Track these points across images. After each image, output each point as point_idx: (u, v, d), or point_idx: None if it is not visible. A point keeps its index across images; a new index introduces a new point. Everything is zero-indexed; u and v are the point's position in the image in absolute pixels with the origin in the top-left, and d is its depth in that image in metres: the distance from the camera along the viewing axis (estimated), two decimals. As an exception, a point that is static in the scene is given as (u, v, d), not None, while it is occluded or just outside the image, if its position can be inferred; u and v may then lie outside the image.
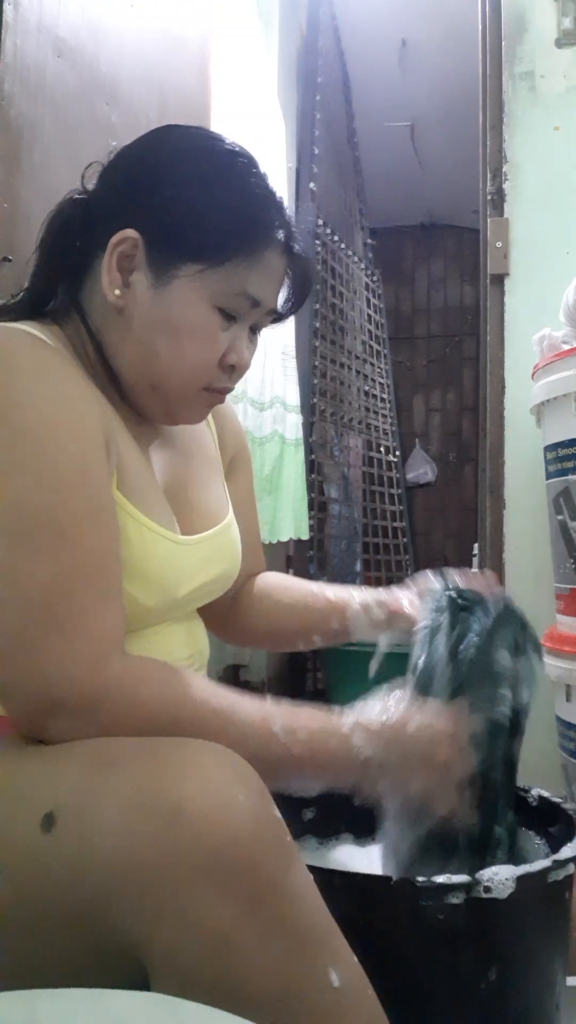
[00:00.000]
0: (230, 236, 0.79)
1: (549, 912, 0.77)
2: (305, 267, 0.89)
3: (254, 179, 0.82)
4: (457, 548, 4.65)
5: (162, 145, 0.84)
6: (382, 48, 3.52)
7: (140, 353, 0.81)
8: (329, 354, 3.26)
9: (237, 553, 0.96)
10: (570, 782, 1.58)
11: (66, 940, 0.60)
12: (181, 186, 0.80)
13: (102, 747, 0.64)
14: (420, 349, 4.99)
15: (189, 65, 1.78)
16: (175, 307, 0.79)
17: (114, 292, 0.80)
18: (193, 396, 0.84)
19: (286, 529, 2.29)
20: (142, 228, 0.79)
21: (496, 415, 2.03)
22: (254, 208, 0.81)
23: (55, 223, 0.84)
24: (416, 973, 0.72)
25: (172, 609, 0.85)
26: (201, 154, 0.82)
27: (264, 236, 0.81)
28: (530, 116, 2.08)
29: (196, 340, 0.80)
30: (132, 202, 0.81)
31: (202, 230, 0.79)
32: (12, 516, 0.68)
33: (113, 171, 0.84)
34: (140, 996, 0.52)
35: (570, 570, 1.55)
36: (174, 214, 0.79)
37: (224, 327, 0.81)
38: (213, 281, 0.79)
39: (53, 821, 0.59)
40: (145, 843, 0.56)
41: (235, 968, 0.55)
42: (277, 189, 0.85)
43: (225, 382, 0.85)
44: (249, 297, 0.81)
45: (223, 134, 0.87)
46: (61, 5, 1.28)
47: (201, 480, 0.95)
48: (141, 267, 0.80)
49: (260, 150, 2.15)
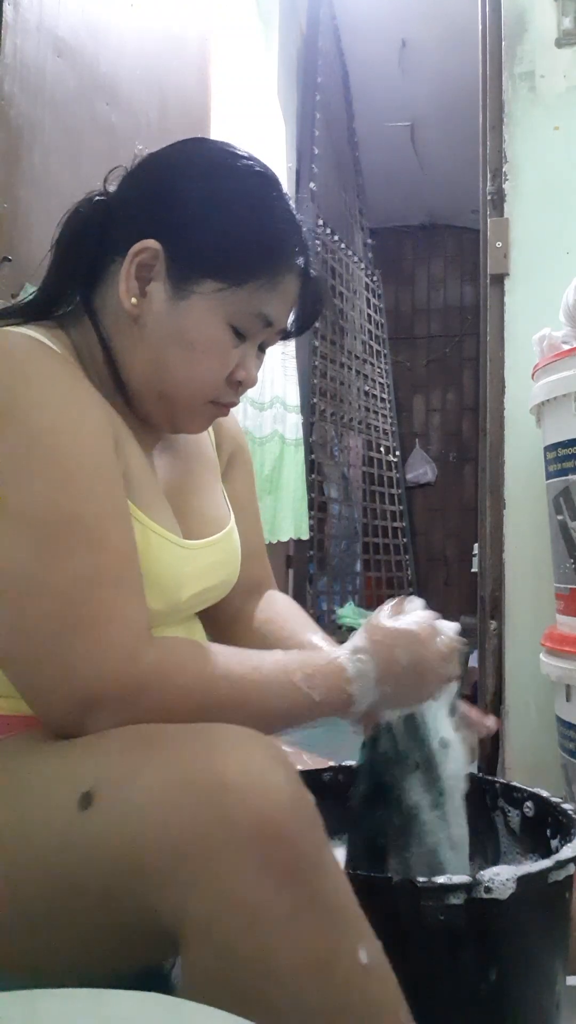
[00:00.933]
0: (253, 259, 0.80)
1: (549, 912, 0.77)
2: (318, 290, 0.90)
3: (279, 202, 0.83)
4: (457, 548, 4.65)
5: (192, 158, 0.84)
6: (382, 48, 3.53)
7: (151, 362, 0.82)
8: (329, 354, 3.26)
9: (237, 559, 0.96)
10: (570, 782, 1.58)
11: (96, 918, 0.61)
12: (208, 204, 0.80)
13: (141, 730, 0.65)
14: (420, 349, 4.99)
15: (189, 65, 1.78)
16: (191, 322, 0.80)
17: (130, 300, 0.80)
18: (199, 408, 0.85)
19: (286, 529, 2.29)
20: (165, 240, 0.79)
21: (496, 415, 2.03)
22: (278, 232, 0.82)
23: (73, 222, 0.84)
24: (416, 973, 0.72)
25: (174, 612, 0.85)
26: (230, 173, 0.82)
27: (285, 261, 0.82)
28: (530, 116, 2.08)
29: (209, 356, 0.81)
30: (156, 213, 0.81)
31: (226, 251, 0.80)
32: (36, 519, 0.68)
33: (138, 178, 0.84)
34: (140, 996, 0.52)
35: (570, 570, 1.55)
36: (199, 232, 0.80)
37: (235, 344, 0.82)
38: (231, 301, 0.80)
39: (91, 799, 0.60)
40: (186, 817, 0.57)
41: (269, 940, 0.56)
42: (297, 213, 0.86)
43: (231, 397, 0.86)
44: (264, 318, 0.82)
45: (247, 151, 0.87)
46: (61, 5, 1.28)
47: (202, 485, 0.95)
48: (160, 278, 0.80)
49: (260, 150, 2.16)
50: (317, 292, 0.90)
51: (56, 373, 0.74)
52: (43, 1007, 0.50)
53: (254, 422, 2.13)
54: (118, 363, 0.82)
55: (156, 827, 0.58)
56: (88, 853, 0.60)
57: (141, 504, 0.79)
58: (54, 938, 0.62)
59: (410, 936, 0.72)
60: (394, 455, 4.35)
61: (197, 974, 0.56)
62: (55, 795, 0.63)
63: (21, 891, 0.62)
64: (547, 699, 1.68)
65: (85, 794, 0.61)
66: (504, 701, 1.96)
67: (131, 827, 0.59)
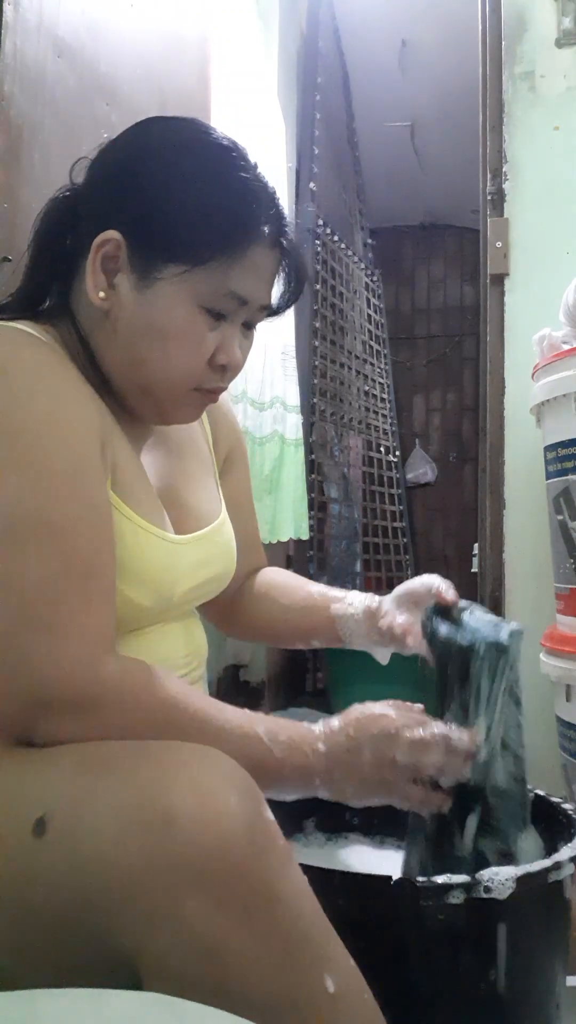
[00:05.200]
0: (209, 235, 0.76)
1: (549, 912, 0.77)
2: (297, 259, 0.86)
3: (237, 173, 0.79)
4: (457, 548, 4.65)
5: (142, 140, 0.82)
6: (382, 48, 3.52)
7: (127, 357, 0.80)
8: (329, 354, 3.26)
9: (231, 552, 0.95)
10: (570, 782, 1.58)
11: (58, 946, 0.59)
12: (159, 185, 0.77)
13: (93, 750, 0.64)
14: (420, 349, 4.99)
15: (189, 65, 1.78)
16: (159, 310, 0.78)
17: (98, 295, 0.78)
18: (183, 397, 0.83)
19: (286, 529, 2.29)
20: (123, 229, 0.77)
21: (496, 415, 2.03)
22: (235, 204, 0.78)
23: (45, 219, 0.83)
24: (416, 973, 0.72)
25: (168, 609, 0.85)
26: (181, 150, 0.79)
27: (246, 233, 0.78)
28: (530, 116, 2.08)
29: (182, 343, 0.78)
30: (114, 202, 0.79)
31: (183, 231, 0.76)
32: (4, 516, 0.67)
33: (96, 168, 0.82)
34: (140, 996, 0.52)
35: (570, 570, 1.55)
36: (153, 214, 0.77)
37: (212, 327, 0.79)
38: (196, 282, 0.77)
39: (45, 826, 0.59)
40: (136, 850, 0.56)
41: (228, 976, 0.55)
42: (266, 181, 0.81)
43: (217, 382, 0.83)
44: (235, 296, 0.79)
45: (210, 126, 0.84)
46: (61, 5, 1.28)
47: (194, 480, 0.94)
48: (125, 269, 0.78)
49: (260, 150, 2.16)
50: (297, 261, 0.86)
51: (43, 369, 0.73)
52: (43, 1007, 0.50)
53: (254, 422, 2.13)
54: (98, 359, 0.80)
55: (108, 859, 0.56)
56: (47, 881, 0.58)
57: (130, 501, 0.78)
58: (24, 960, 0.61)
59: (410, 936, 0.72)
60: (394, 455, 4.35)
61: None
62: (10, 819, 0.61)
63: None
64: (547, 699, 1.68)
65: (39, 820, 0.59)
66: (504, 701, 1.96)
67: (85, 859, 0.57)
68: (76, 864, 0.57)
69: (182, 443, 0.95)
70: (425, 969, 0.72)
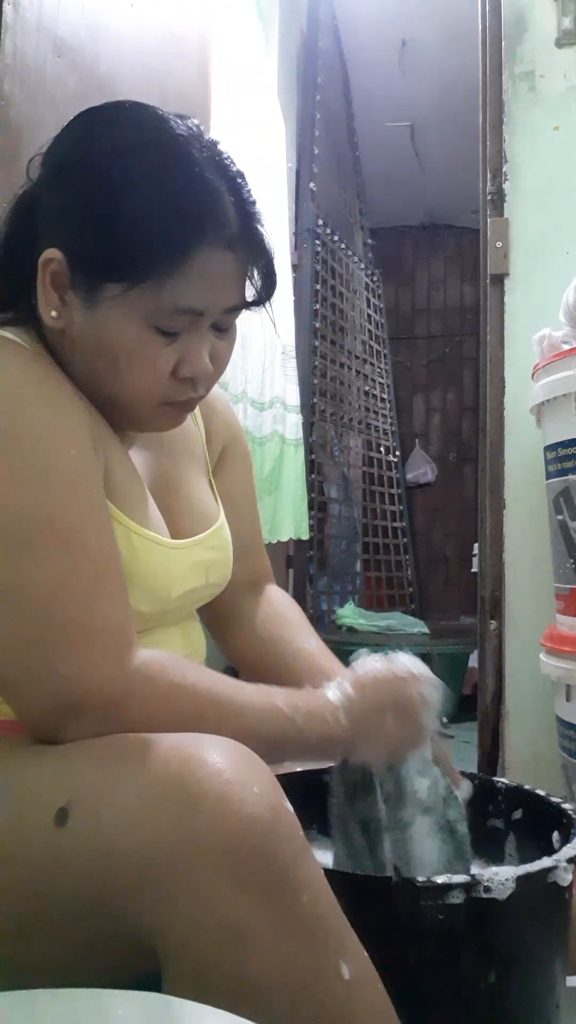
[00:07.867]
0: (145, 250, 0.69)
1: (549, 912, 0.77)
2: (259, 250, 0.77)
3: (175, 175, 0.70)
4: (457, 548, 4.65)
5: (76, 146, 0.75)
6: (382, 48, 3.53)
7: (85, 374, 0.76)
8: (329, 354, 3.26)
9: (228, 556, 0.94)
10: (570, 782, 1.58)
11: (78, 932, 0.60)
12: (91, 197, 0.71)
13: (116, 743, 0.64)
14: (420, 349, 4.99)
15: (189, 65, 1.78)
16: (108, 332, 0.73)
17: (50, 314, 0.74)
18: (152, 411, 0.78)
19: (286, 529, 2.30)
20: (64, 245, 0.72)
21: (496, 415, 2.03)
22: (168, 214, 0.69)
23: (10, 223, 0.79)
24: (415, 973, 0.72)
25: (166, 613, 0.84)
26: (113, 156, 0.72)
27: (185, 242, 0.70)
28: (530, 116, 2.07)
29: (135, 364, 0.73)
30: (54, 212, 0.74)
31: (116, 248, 0.70)
32: (13, 524, 0.67)
33: (43, 170, 0.77)
34: (140, 996, 0.52)
35: (570, 570, 1.55)
36: (88, 230, 0.71)
37: (166, 343, 0.73)
38: (141, 300, 0.71)
39: (67, 815, 0.60)
40: (161, 834, 0.57)
41: (247, 956, 0.56)
42: (210, 177, 0.71)
43: (188, 393, 0.78)
44: (185, 311, 0.72)
45: (155, 114, 0.75)
46: (61, 5, 1.28)
47: (188, 481, 0.92)
48: (72, 287, 0.73)
49: (260, 150, 2.16)
50: (259, 252, 0.77)
51: (32, 375, 0.72)
52: (43, 1007, 0.50)
53: (254, 422, 2.13)
54: (65, 370, 0.76)
55: (132, 844, 0.57)
56: (66, 869, 0.59)
57: (124, 506, 0.77)
58: (38, 950, 0.62)
59: (409, 936, 0.72)
60: (394, 455, 4.35)
61: (177, 990, 0.56)
62: (32, 810, 0.62)
63: (2, 904, 0.62)
64: (547, 699, 1.68)
65: (61, 810, 0.60)
66: (504, 701, 1.96)
67: (108, 844, 0.58)
68: (99, 849, 0.58)
69: (175, 443, 0.92)
70: (424, 969, 0.72)
